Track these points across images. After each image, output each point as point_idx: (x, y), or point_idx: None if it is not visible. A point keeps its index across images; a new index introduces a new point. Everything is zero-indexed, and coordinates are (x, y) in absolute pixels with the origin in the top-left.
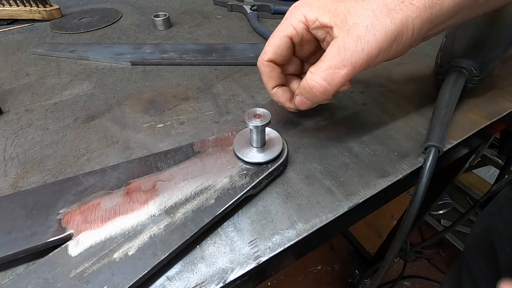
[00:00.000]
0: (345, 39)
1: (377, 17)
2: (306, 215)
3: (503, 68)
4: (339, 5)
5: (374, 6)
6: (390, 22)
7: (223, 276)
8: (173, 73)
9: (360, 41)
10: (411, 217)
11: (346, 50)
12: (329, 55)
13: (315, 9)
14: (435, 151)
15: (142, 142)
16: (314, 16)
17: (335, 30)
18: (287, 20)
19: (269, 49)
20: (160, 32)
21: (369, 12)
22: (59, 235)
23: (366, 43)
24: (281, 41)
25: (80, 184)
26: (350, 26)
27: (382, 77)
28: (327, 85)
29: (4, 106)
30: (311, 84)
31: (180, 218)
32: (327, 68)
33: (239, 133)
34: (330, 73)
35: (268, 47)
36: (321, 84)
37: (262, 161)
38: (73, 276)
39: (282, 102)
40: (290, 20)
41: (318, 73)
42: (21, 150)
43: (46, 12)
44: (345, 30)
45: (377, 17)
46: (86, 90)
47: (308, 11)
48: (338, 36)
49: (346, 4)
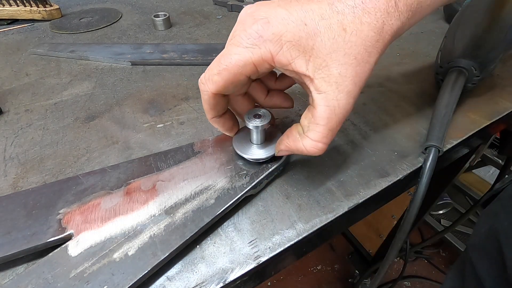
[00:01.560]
0: (337, 96)
1: (360, 65)
2: (306, 215)
3: (503, 68)
4: (316, 41)
5: (355, 51)
6: (368, 69)
7: (223, 276)
8: (173, 73)
9: (350, 96)
10: (411, 217)
11: (341, 109)
12: (325, 117)
13: (286, 48)
14: (435, 151)
15: (142, 142)
16: (286, 59)
17: (320, 83)
18: (245, 51)
19: (219, 81)
20: (160, 32)
21: (352, 58)
22: (59, 235)
23: (353, 97)
24: (235, 78)
25: (80, 184)
26: (337, 79)
27: (382, 77)
28: (325, 147)
29: (4, 106)
30: (313, 151)
31: (180, 218)
32: (327, 133)
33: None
34: (330, 135)
35: (218, 77)
36: (322, 148)
37: (262, 157)
38: (73, 276)
39: (223, 131)
40: (251, 55)
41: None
42: (21, 150)
43: (46, 12)
44: (333, 84)
45: (359, 65)
46: (86, 90)
47: (277, 50)
48: (328, 92)
49: (323, 41)
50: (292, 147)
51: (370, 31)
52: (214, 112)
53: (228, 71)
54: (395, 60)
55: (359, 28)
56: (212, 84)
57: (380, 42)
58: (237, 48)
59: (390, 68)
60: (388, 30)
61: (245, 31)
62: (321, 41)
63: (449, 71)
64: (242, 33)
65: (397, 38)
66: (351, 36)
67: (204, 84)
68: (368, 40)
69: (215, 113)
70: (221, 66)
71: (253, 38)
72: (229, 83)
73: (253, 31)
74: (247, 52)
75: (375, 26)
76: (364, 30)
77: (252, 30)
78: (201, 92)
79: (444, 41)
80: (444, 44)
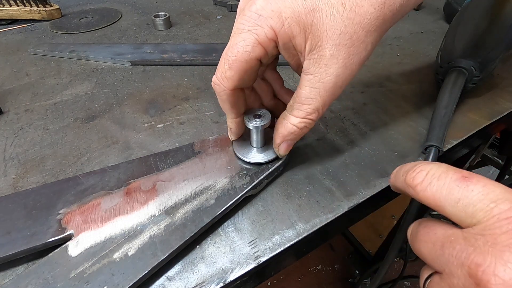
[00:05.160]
0: (324, 79)
1: (354, 45)
2: (306, 215)
3: (503, 68)
4: (315, 17)
5: (352, 29)
6: (364, 49)
7: (223, 276)
8: (173, 73)
9: (339, 79)
10: (411, 217)
11: (327, 92)
12: (310, 98)
13: (288, 24)
14: (435, 151)
15: (142, 142)
16: (287, 36)
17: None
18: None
19: (233, 75)
20: (160, 32)
21: (347, 38)
22: (59, 235)
23: (342, 80)
24: (248, 66)
25: (80, 184)
26: (328, 61)
27: (382, 77)
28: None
29: (4, 106)
30: (302, 125)
31: (180, 218)
32: (313, 112)
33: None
34: (316, 114)
35: (230, 71)
36: (311, 123)
37: (262, 161)
38: (73, 276)
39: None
40: (256, 36)
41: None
42: (21, 150)
43: (46, 12)
44: (322, 66)
45: (354, 45)
46: (86, 90)
47: (279, 26)
48: (315, 73)
49: (322, 17)
50: (284, 133)
51: (370, 7)
52: (236, 110)
53: (238, 61)
54: (395, 60)
55: (359, 3)
56: (227, 81)
57: (380, 19)
58: (240, 35)
59: (390, 68)
60: (390, 6)
61: (245, 15)
62: (319, 17)
63: (449, 71)
64: (242, 19)
65: (400, 17)
66: (349, 13)
67: (218, 85)
68: (367, 17)
69: (237, 111)
70: (231, 59)
71: (253, 20)
72: (243, 73)
73: (252, 13)
74: (251, 35)
75: (376, 1)
76: (364, 5)
77: (251, 12)
78: (218, 94)
79: (444, 41)
80: (444, 44)
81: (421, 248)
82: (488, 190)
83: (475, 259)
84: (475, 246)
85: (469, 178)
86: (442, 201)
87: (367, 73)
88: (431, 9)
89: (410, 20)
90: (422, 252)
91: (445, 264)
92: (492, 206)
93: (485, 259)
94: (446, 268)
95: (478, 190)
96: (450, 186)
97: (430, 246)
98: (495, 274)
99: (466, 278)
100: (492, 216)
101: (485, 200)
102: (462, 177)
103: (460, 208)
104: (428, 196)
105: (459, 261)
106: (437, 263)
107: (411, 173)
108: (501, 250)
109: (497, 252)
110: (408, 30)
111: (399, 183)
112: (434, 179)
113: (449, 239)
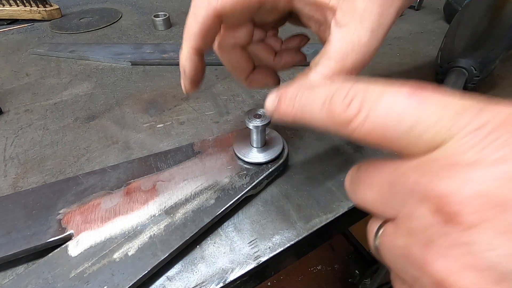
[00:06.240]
0: (360, 32)
1: (385, 5)
2: (306, 215)
3: (503, 68)
4: None
5: None
6: (393, 13)
7: (223, 276)
8: (173, 73)
9: (374, 37)
10: None
11: (362, 48)
12: (342, 53)
13: None
14: None
15: (142, 142)
16: None
17: (342, 15)
18: None
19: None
20: (160, 32)
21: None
22: (59, 235)
23: (376, 40)
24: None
25: (80, 184)
26: (362, 13)
27: (382, 77)
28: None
29: (4, 106)
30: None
31: (180, 218)
32: (341, 70)
33: (239, 133)
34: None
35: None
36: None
37: (262, 161)
38: (73, 276)
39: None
40: None
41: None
42: (21, 150)
43: (46, 12)
44: (357, 18)
45: (385, 5)
46: (86, 90)
47: None
48: (349, 25)
49: None
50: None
51: None
52: (201, 41)
53: None
54: (395, 60)
55: None
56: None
57: None
58: None
59: (390, 68)
60: None
61: None
62: None
63: (449, 71)
64: None
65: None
66: None
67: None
68: None
69: (202, 42)
70: None
71: None
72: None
73: None
74: None
75: None
76: None
77: None
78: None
79: (444, 41)
80: (444, 44)
81: (365, 196)
82: (445, 102)
83: (437, 188)
84: (435, 173)
85: (420, 91)
86: (389, 134)
87: (367, 73)
88: (431, 9)
89: (410, 20)
90: (366, 200)
91: (399, 205)
92: (453, 121)
93: (449, 185)
94: (401, 210)
95: (434, 106)
96: (397, 110)
97: (376, 189)
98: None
99: (430, 215)
100: (455, 134)
101: (444, 116)
102: (411, 93)
103: (416, 136)
104: (369, 131)
105: (417, 196)
106: (388, 208)
107: (339, 103)
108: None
109: (463, 173)
110: (408, 30)
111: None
112: (373, 105)
113: (399, 174)
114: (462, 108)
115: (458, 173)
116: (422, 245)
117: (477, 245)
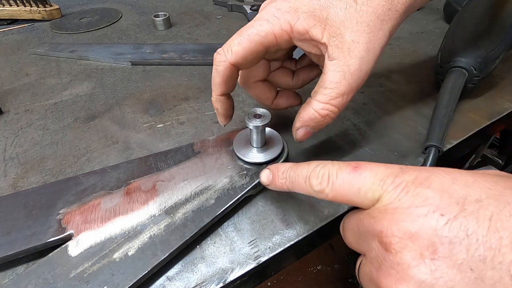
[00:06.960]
0: (348, 62)
1: (373, 32)
2: (306, 215)
3: (503, 68)
4: (330, 12)
5: (368, 18)
6: (383, 35)
7: (223, 276)
8: (173, 73)
9: (363, 63)
10: None
11: (352, 75)
12: (335, 82)
13: (303, 18)
14: (435, 151)
15: (142, 142)
16: (303, 28)
17: (332, 50)
18: (266, 23)
19: (239, 51)
20: (160, 32)
21: (364, 26)
22: (59, 235)
23: (367, 64)
24: (256, 48)
25: (80, 184)
26: (350, 45)
27: (382, 77)
28: (338, 111)
29: (4, 106)
30: (324, 113)
31: (180, 218)
32: (337, 96)
33: (239, 133)
34: (340, 100)
35: (238, 47)
36: (334, 111)
37: (262, 161)
38: (73, 276)
39: (220, 115)
40: (272, 26)
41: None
42: (21, 150)
43: (46, 12)
44: (345, 50)
45: (373, 31)
46: (86, 90)
47: (295, 20)
48: (339, 58)
49: (336, 11)
50: (305, 117)
51: (380, 0)
52: (224, 88)
53: (249, 41)
54: (395, 60)
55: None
56: (231, 54)
57: (393, 10)
58: (258, 21)
59: (390, 68)
60: None
61: (265, 9)
62: (334, 12)
63: (449, 71)
64: (262, 12)
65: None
66: (362, 6)
67: (221, 55)
68: (379, 9)
69: (225, 89)
70: (243, 36)
71: (272, 12)
72: (249, 53)
73: (271, 7)
74: (267, 23)
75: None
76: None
77: (271, 6)
78: (216, 64)
79: (444, 41)
80: (444, 44)
81: (347, 237)
82: (375, 172)
83: (377, 227)
84: (376, 217)
85: (358, 167)
86: (348, 195)
87: None
88: (431, 9)
89: (410, 20)
90: (349, 241)
91: (363, 242)
92: (381, 183)
93: (383, 225)
94: (365, 246)
95: (368, 175)
96: (348, 180)
97: (351, 232)
98: (393, 235)
99: (378, 247)
100: (384, 191)
101: (376, 181)
102: (353, 168)
103: (363, 195)
104: (335, 196)
105: (370, 234)
106: (359, 245)
107: (314, 180)
108: (393, 213)
109: (390, 216)
110: (408, 30)
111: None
112: (334, 179)
113: (360, 220)
114: (386, 174)
115: (388, 215)
116: (376, 269)
117: (403, 265)
